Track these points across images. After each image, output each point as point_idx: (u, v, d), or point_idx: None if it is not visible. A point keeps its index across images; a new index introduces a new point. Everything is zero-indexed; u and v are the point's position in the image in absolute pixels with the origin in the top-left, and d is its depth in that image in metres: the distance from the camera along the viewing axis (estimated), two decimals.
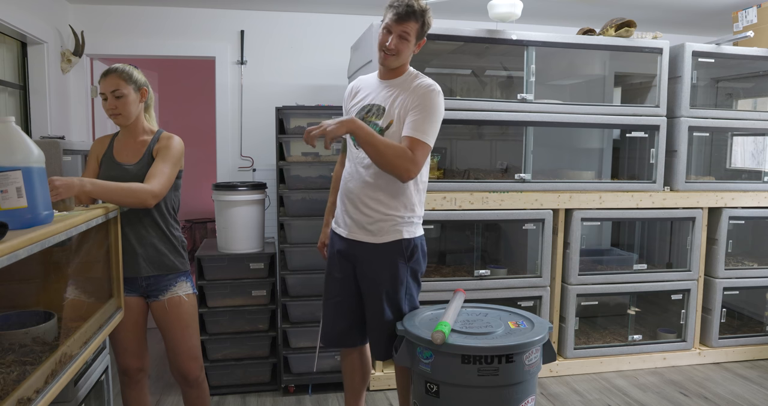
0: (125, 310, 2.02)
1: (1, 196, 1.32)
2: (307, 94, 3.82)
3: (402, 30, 1.96)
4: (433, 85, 2.00)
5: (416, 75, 2.08)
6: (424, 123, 1.93)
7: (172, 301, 2.07)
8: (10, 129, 1.38)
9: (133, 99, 2.00)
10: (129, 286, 2.05)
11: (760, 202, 3.42)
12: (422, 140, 1.92)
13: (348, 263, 2.13)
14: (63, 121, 3.48)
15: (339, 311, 2.19)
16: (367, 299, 2.12)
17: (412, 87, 2.01)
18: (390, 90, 2.06)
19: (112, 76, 1.97)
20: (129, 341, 2.09)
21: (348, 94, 2.24)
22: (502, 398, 1.81)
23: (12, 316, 1.61)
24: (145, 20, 3.69)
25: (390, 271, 2.05)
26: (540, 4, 3.56)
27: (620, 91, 3.79)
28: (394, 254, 2.04)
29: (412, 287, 2.12)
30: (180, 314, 2.08)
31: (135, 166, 2.02)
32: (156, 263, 2.05)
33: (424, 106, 1.95)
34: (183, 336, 2.09)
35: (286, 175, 2.97)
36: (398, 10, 1.95)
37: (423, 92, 1.98)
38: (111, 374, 2.38)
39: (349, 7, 3.73)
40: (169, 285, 2.07)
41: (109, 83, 1.97)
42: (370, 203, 2.04)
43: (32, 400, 1.28)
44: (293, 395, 2.99)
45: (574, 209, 3.17)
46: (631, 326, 3.43)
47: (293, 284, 3.01)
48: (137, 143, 2.06)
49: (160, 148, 2.02)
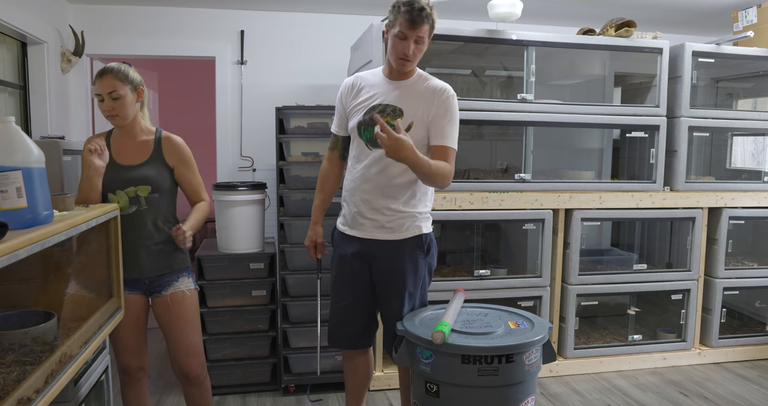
0: (126, 308, 2.02)
1: (1, 196, 1.32)
2: (307, 94, 3.82)
3: (417, 35, 1.96)
4: (449, 89, 2.05)
5: (425, 76, 2.09)
6: (452, 130, 2.03)
7: (174, 296, 2.07)
8: (10, 129, 1.38)
9: (131, 100, 1.98)
10: (131, 284, 2.05)
11: (760, 202, 3.42)
12: (454, 147, 2.03)
13: (363, 263, 2.13)
14: (63, 121, 3.48)
15: (347, 315, 2.19)
16: (385, 296, 2.13)
17: (430, 91, 2.04)
18: (402, 91, 2.06)
19: (108, 77, 1.94)
20: (129, 340, 2.09)
21: (347, 90, 2.17)
22: (502, 398, 1.81)
23: (12, 316, 1.61)
24: (145, 20, 3.69)
25: (412, 266, 2.09)
26: (540, 4, 3.56)
27: (620, 91, 3.79)
28: (414, 248, 2.09)
29: (426, 282, 2.16)
30: (182, 309, 2.08)
31: (140, 168, 2.01)
32: (161, 264, 2.05)
33: (449, 114, 2.02)
34: (184, 332, 2.09)
35: (286, 175, 2.97)
36: (412, 15, 1.91)
37: (445, 98, 2.02)
38: (111, 374, 2.38)
39: (349, 7, 3.73)
40: (172, 281, 2.09)
41: (106, 84, 1.94)
42: (390, 204, 2.06)
43: (32, 400, 1.28)
44: (293, 395, 2.98)
45: (574, 209, 3.16)
46: (631, 326, 3.43)
47: (293, 284, 3.01)
48: (138, 144, 2.05)
49: (180, 159, 2.08)
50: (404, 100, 2.04)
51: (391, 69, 2.08)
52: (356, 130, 2.09)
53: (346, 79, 2.22)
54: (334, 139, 2.27)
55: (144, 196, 2.01)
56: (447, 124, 2.01)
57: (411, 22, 1.92)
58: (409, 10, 1.91)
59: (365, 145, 2.08)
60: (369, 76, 2.16)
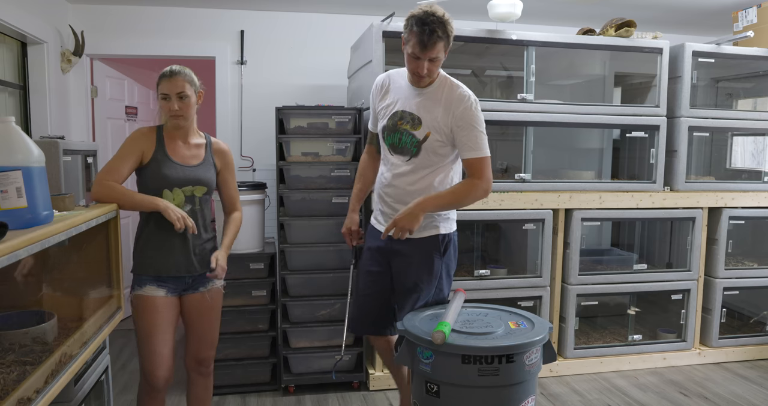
0: (163, 312, 2.00)
1: (1, 196, 1.32)
2: (307, 94, 3.82)
3: (430, 56, 1.94)
4: (466, 98, 2.03)
5: (450, 83, 2.08)
6: (479, 139, 2.03)
7: (213, 292, 2.15)
8: (10, 129, 1.38)
9: (194, 101, 2.05)
10: (170, 284, 2.03)
11: (760, 202, 3.42)
12: (485, 155, 2.04)
13: (384, 258, 2.20)
14: (63, 121, 3.48)
15: (366, 306, 2.27)
16: (400, 292, 2.18)
17: (449, 101, 2.03)
18: (422, 98, 2.07)
19: (177, 78, 1.98)
20: (166, 347, 2.01)
21: (377, 89, 2.22)
22: (502, 398, 1.80)
23: (12, 316, 1.61)
24: (145, 20, 3.69)
25: (427, 265, 2.13)
26: (540, 4, 3.56)
27: (620, 91, 3.79)
28: (430, 248, 2.13)
29: (443, 282, 2.19)
30: (217, 304, 2.17)
31: (198, 168, 2.06)
32: (206, 261, 2.10)
33: (472, 124, 2.02)
34: (214, 324, 2.18)
35: (286, 175, 2.97)
36: (422, 38, 1.89)
37: (462, 110, 2.01)
38: (111, 374, 2.38)
39: (349, 7, 3.73)
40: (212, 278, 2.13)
41: (175, 85, 1.97)
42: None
43: (32, 400, 1.28)
44: (293, 395, 2.98)
45: (574, 209, 3.16)
46: (631, 326, 3.43)
47: (293, 284, 3.00)
48: (192, 146, 2.09)
49: (226, 163, 2.17)
50: (423, 109, 2.06)
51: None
52: (381, 133, 2.18)
53: (378, 77, 2.24)
54: (370, 135, 2.34)
55: (199, 196, 2.07)
56: (469, 135, 2.02)
57: (422, 45, 1.91)
58: (420, 33, 1.89)
59: (388, 150, 2.15)
60: (397, 78, 2.17)
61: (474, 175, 2.04)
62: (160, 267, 2.01)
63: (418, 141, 2.06)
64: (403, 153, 2.11)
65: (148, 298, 1.99)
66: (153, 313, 1.99)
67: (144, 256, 2.02)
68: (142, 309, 2.00)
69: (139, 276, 2.03)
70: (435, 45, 1.91)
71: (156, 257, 2.01)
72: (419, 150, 2.07)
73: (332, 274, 3.00)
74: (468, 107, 2.02)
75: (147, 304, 1.99)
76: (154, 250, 2.01)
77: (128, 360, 3.44)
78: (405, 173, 2.10)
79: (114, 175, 1.93)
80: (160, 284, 2.01)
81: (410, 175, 2.10)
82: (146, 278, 2.01)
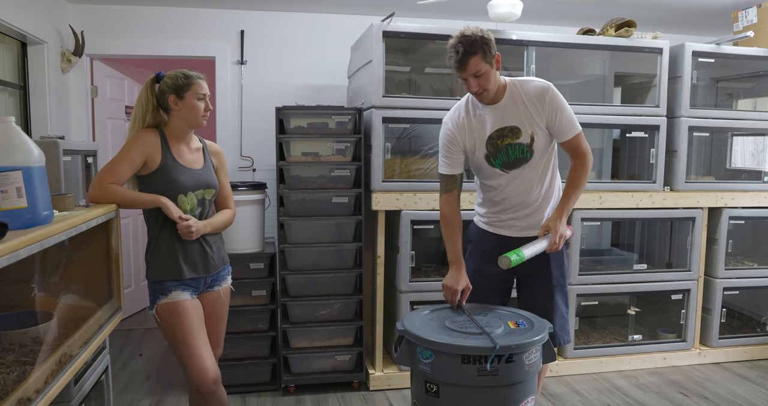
0: (193, 314, 1.97)
1: (1, 196, 1.32)
2: (307, 94, 3.82)
3: (471, 73, 1.96)
4: (546, 89, 2.07)
5: (519, 83, 2.10)
6: (569, 119, 2.09)
7: (225, 290, 2.17)
8: (10, 129, 1.38)
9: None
10: (192, 286, 2.02)
11: (760, 202, 3.42)
12: (579, 131, 2.11)
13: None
14: (63, 121, 3.48)
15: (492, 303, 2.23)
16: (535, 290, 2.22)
17: (530, 98, 2.06)
18: (506, 110, 2.08)
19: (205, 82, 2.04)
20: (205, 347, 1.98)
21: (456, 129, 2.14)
22: (502, 398, 1.80)
23: (12, 316, 1.61)
24: (145, 20, 3.69)
25: (556, 255, 2.19)
26: (540, 4, 3.56)
27: (620, 91, 3.79)
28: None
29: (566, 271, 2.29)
30: (227, 302, 2.19)
31: (203, 172, 2.07)
32: (222, 257, 2.13)
33: (561, 107, 2.07)
34: (222, 323, 2.19)
35: (286, 175, 2.97)
36: (455, 61, 1.94)
37: (548, 101, 2.06)
38: (111, 374, 2.38)
39: (349, 7, 3.73)
40: (225, 275, 2.17)
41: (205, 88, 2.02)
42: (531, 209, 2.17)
43: (32, 400, 1.28)
44: (293, 395, 2.99)
45: (574, 209, 3.16)
46: (631, 326, 3.43)
47: (293, 284, 3.01)
48: (192, 149, 2.09)
49: (220, 163, 2.19)
50: (512, 117, 2.07)
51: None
52: (485, 161, 2.14)
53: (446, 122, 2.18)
54: (450, 180, 2.18)
55: (209, 199, 2.09)
56: (563, 118, 2.07)
57: (458, 67, 1.96)
58: (452, 57, 1.96)
59: (500, 171, 2.13)
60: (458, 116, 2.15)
61: (578, 153, 2.12)
62: (181, 269, 1.97)
63: (527, 146, 2.08)
64: (518, 165, 2.11)
65: (177, 304, 1.95)
66: (186, 318, 1.95)
67: (163, 261, 1.97)
68: (175, 316, 1.94)
69: (161, 283, 1.96)
70: (468, 62, 1.93)
71: (176, 260, 1.97)
72: (533, 152, 2.09)
73: (332, 274, 3.00)
74: (552, 96, 2.06)
75: (178, 310, 1.95)
76: (173, 253, 1.97)
77: (128, 360, 3.44)
78: (524, 180, 2.12)
79: (115, 177, 1.88)
80: (184, 288, 1.98)
81: (528, 181, 2.13)
82: (169, 284, 1.96)
